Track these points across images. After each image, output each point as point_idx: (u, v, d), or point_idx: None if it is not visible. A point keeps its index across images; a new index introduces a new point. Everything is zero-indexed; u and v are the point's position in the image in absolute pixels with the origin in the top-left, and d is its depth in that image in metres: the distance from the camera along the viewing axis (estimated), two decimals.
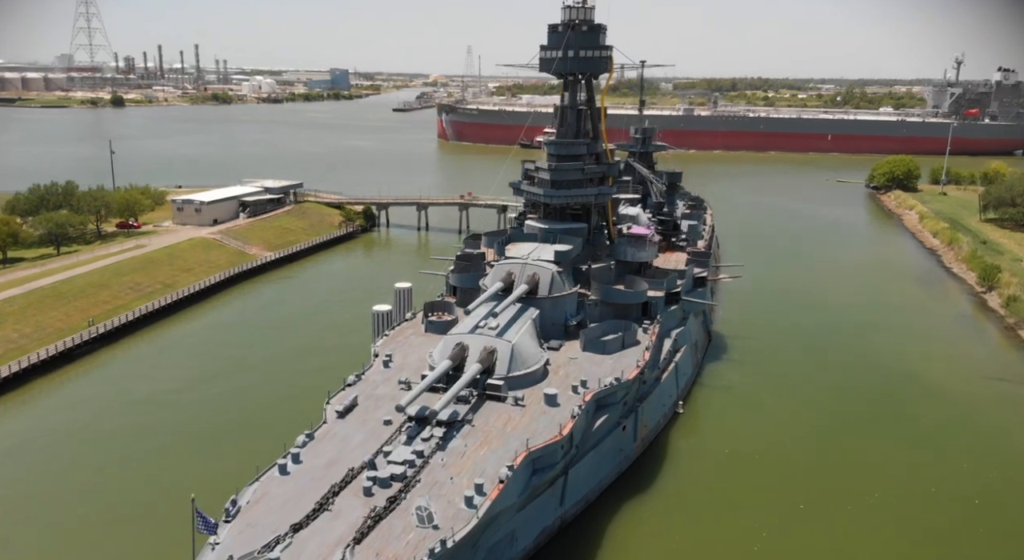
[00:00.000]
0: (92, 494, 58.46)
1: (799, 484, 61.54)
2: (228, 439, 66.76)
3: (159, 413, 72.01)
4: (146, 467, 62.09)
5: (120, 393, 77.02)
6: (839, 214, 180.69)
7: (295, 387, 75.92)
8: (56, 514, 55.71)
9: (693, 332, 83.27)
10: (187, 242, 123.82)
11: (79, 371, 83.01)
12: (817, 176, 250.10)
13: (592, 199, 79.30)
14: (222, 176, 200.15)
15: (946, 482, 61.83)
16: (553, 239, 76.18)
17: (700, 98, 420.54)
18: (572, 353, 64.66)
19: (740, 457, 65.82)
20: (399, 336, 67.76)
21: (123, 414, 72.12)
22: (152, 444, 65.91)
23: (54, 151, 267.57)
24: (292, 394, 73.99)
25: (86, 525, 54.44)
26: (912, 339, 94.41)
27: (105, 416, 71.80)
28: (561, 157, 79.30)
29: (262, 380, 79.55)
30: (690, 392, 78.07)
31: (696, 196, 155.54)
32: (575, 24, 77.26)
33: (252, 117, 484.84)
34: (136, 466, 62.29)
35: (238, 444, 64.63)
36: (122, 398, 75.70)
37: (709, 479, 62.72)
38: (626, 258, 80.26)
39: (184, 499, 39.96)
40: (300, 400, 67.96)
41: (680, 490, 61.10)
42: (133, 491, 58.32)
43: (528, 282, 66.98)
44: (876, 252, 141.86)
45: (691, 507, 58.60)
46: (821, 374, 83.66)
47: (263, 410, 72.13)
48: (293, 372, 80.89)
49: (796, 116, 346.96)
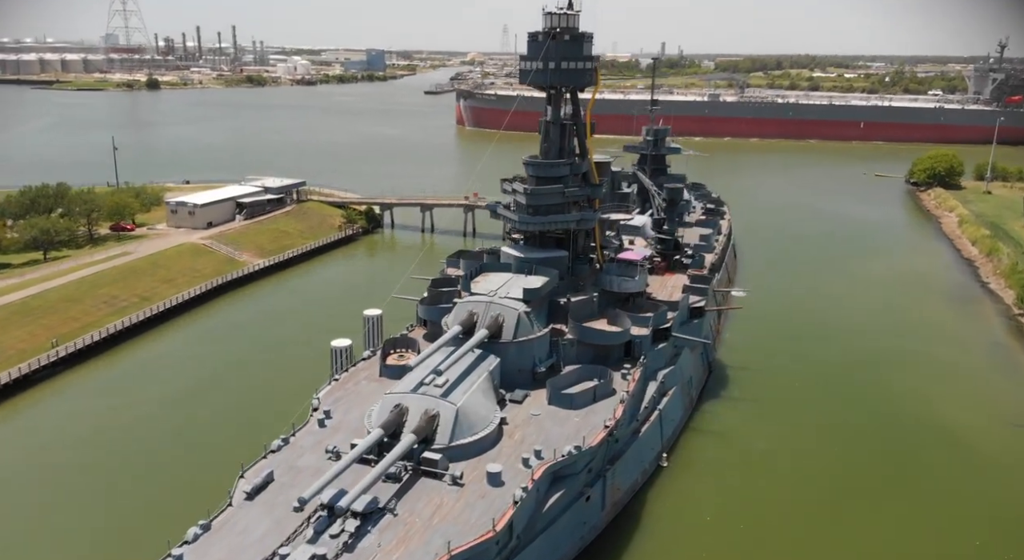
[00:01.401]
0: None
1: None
2: (116, 531, 57.09)
3: (77, 459, 66.90)
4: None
5: (60, 429, 72.58)
6: (873, 216, 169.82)
7: (213, 453, 65.30)
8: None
9: (687, 369, 75.92)
10: (175, 249, 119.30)
11: (34, 399, 78.75)
12: (853, 169, 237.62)
13: (573, 225, 72.15)
14: (235, 169, 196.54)
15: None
16: (528, 270, 69.37)
17: (724, 82, 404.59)
18: (536, 407, 57.97)
19: (727, 524, 58.73)
20: (349, 381, 61.73)
21: (59, 453, 67.49)
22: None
23: (78, 140, 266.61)
24: (205, 463, 63.68)
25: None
26: (937, 375, 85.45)
27: (44, 453, 67.34)
28: (541, 179, 72.21)
29: (183, 442, 69.69)
30: (679, 439, 70.92)
31: (716, 197, 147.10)
32: (556, 33, 69.80)
33: (283, 101, 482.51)
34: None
35: (121, 539, 55.74)
36: (60, 435, 71.12)
37: (690, 553, 55.88)
38: (612, 288, 73.25)
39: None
40: (213, 471, 56.00)
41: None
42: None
43: (491, 325, 60.41)
44: (908, 263, 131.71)
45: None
46: (830, 417, 75.64)
47: (165, 484, 62.35)
48: (218, 431, 71.02)
49: (827, 102, 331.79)
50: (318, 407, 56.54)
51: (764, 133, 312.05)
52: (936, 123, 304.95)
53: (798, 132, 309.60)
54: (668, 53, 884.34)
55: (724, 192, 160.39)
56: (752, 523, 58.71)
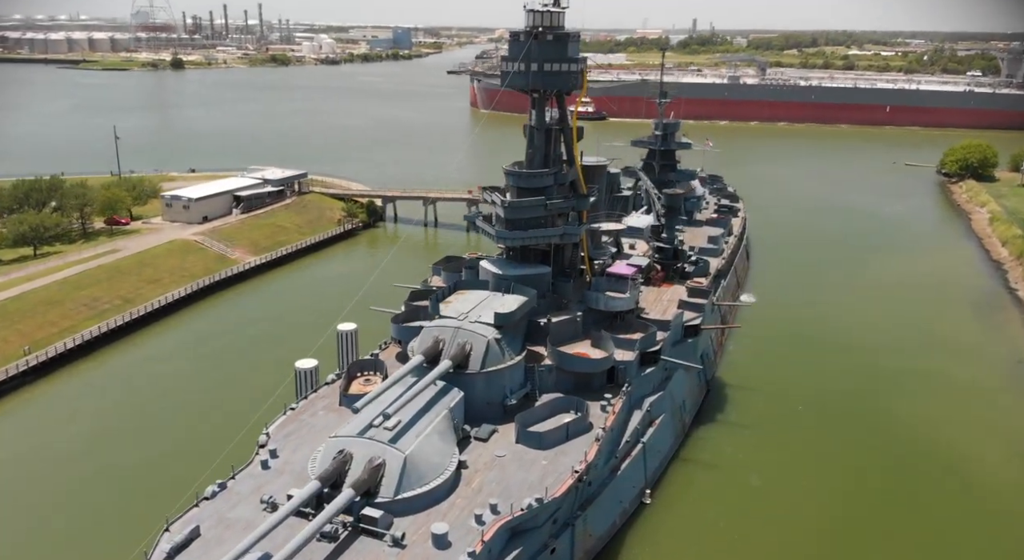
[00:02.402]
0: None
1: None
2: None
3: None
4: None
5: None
6: (899, 210, 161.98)
7: (141, 500, 59.20)
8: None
9: (679, 392, 70.89)
10: (164, 246, 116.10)
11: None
12: (881, 156, 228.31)
13: (556, 240, 67.13)
14: (243, 156, 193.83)
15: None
16: (506, 288, 64.61)
17: (745, 63, 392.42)
18: (503, 446, 53.44)
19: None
20: (306, 411, 57.61)
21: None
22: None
23: (92, 124, 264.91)
24: (129, 512, 57.63)
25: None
26: (953, 399, 79.31)
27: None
28: (522, 190, 67.18)
29: (110, 482, 63.86)
30: (667, 470, 66.08)
31: (732, 192, 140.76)
32: (538, 33, 64.39)
33: (304, 82, 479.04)
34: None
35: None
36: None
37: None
38: (599, 307, 68.28)
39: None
40: (137, 521, 49.25)
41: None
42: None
43: (456, 354, 55.82)
44: (932, 264, 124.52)
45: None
46: (833, 448, 70.11)
47: (78, 537, 57.05)
48: (153, 471, 64.18)
49: (851, 85, 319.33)
50: (266, 443, 52.52)
51: (786, 117, 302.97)
52: (965, 108, 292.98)
53: (821, 116, 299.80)
54: (700, 29, 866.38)
55: (742, 184, 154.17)
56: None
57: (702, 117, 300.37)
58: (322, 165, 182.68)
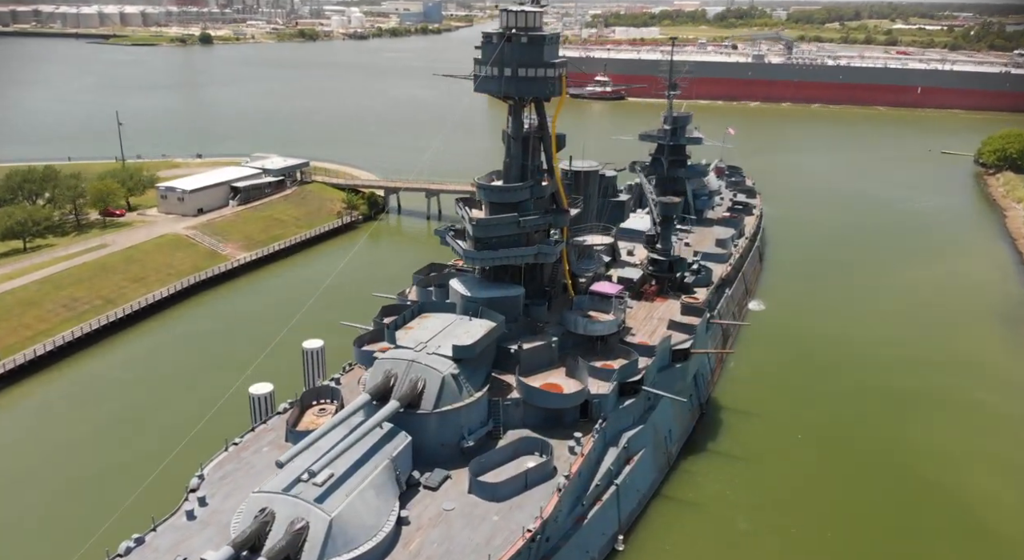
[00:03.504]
0: None
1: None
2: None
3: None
4: None
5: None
6: (930, 205, 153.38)
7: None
8: None
9: (665, 422, 65.75)
10: (153, 241, 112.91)
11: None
12: (915, 142, 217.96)
13: (530, 260, 62.02)
14: (253, 140, 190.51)
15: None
16: (474, 312, 59.82)
17: (772, 41, 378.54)
18: (454, 497, 48.95)
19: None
20: (249, 448, 53.59)
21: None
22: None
23: (109, 104, 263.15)
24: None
25: None
26: (974, 429, 73.15)
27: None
28: (496, 205, 62.09)
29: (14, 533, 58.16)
30: (646, 509, 61.20)
31: (750, 186, 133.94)
32: (511, 35, 58.82)
33: (329, 58, 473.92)
34: None
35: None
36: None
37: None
38: (577, 330, 63.24)
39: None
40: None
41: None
42: None
43: (407, 393, 51.22)
44: (959, 268, 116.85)
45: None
46: (833, 483, 64.70)
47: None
48: (64, 521, 58.27)
49: (881, 65, 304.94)
50: (197, 487, 48.66)
51: (813, 98, 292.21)
52: (1001, 90, 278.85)
53: (849, 97, 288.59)
54: (738, 1, 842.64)
55: (763, 175, 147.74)
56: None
57: (724, 97, 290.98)
58: (332, 150, 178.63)
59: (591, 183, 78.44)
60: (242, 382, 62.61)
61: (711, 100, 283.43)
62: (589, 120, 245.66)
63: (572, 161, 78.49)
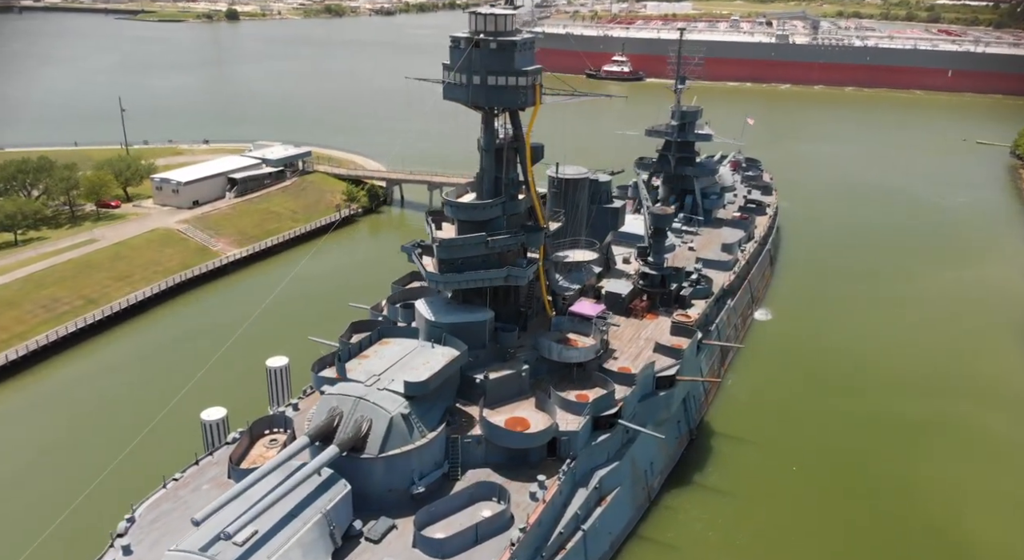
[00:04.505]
0: None
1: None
2: None
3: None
4: None
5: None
6: (957, 202, 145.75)
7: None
8: None
9: (645, 455, 61.44)
10: (144, 236, 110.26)
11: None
12: (946, 131, 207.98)
13: (500, 282, 57.69)
14: (264, 125, 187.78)
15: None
16: (438, 338, 55.77)
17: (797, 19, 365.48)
18: (398, 549, 45.25)
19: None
20: (189, 484, 50.25)
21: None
22: None
23: (127, 83, 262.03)
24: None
25: None
26: (987, 464, 67.77)
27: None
28: (464, 223, 57.78)
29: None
30: (619, 553, 57.10)
31: (766, 182, 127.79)
32: (479, 40, 54.08)
33: (355, 35, 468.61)
34: None
35: None
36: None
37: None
38: (551, 357, 58.99)
39: None
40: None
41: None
42: None
43: (350, 436, 47.32)
44: (987, 275, 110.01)
45: None
46: (827, 524, 60.09)
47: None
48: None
49: (912, 46, 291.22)
50: (125, 532, 45.43)
51: (838, 80, 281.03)
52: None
53: (876, 80, 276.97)
54: None
55: (782, 166, 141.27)
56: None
57: (748, 79, 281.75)
58: (344, 137, 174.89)
59: (579, 192, 73.44)
60: (195, 405, 59.60)
61: (735, 81, 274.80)
62: (603, 103, 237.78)
63: (559, 168, 73.64)
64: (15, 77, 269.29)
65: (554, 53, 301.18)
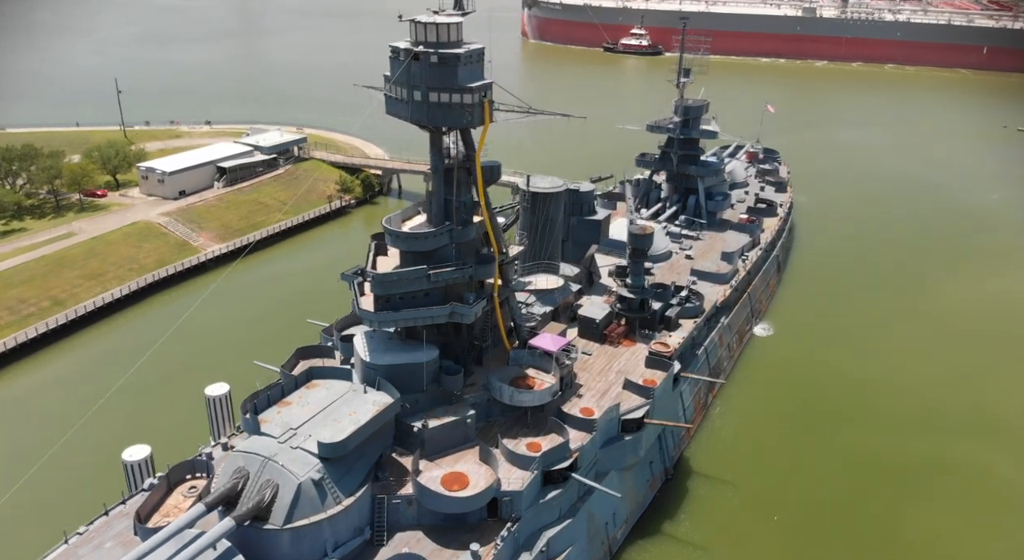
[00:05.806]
0: None
1: None
2: None
3: None
4: None
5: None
6: (988, 199, 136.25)
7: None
8: None
9: (604, 510, 56.03)
10: (122, 230, 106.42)
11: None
12: (985, 115, 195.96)
13: (443, 320, 52.19)
14: (269, 102, 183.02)
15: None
16: (372, 381, 50.66)
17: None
18: None
19: None
20: (93, 540, 46.05)
21: None
22: None
23: (142, 58, 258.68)
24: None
25: None
26: (999, 519, 61.41)
27: None
28: (407, 254, 52.30)
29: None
30: None
31: (782, 179, 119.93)
32: (418, 53, 48.12)
33: (372, 6, 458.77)
34: None
35: None
36: None
37: None
38: (502, 399, 53.68)
39: None
40: None
41: None
42: None
43: (250, 507, 42.41)
44: (1014, 287, 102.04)
45: None
46: None
47: None
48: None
49: (946, 22, 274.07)
50: None
51: (868, 57, 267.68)
52: None
53: (908, 57, 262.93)
54: None
55: (802, 154, 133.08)
56: None
57: (769, 54, 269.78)
58: (338, 115, 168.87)
59: (552, 206, 67.54)
60: (123, 437, 55.52)
61: (756, 57, 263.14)
62: (622, 78, 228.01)
63: (530, 181, 67.68)
64: (29, 52, 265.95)
65: (571, 25, 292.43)
